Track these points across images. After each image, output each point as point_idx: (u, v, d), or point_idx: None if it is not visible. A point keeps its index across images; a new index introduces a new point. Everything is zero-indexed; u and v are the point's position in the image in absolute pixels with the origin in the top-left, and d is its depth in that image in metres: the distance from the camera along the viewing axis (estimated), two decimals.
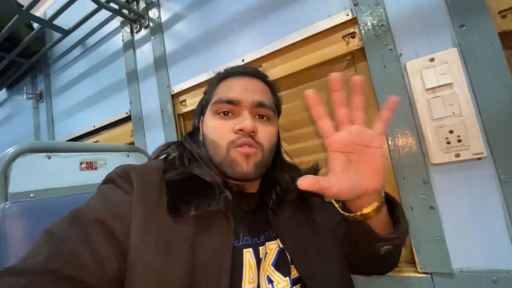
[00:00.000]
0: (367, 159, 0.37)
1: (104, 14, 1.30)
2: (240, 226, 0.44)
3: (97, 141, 1.45)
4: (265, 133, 0.46)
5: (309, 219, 0.52)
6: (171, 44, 1.16)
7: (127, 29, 1.31)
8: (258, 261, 0.43)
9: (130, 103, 1.27)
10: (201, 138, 0.51)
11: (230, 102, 0.46)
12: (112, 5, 1.19)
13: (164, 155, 0.50)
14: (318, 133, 0.82)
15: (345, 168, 0.38)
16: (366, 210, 0.39)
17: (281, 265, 0.45)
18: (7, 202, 0.54)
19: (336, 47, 0.78)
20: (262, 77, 0.52)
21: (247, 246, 0.43)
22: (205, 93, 0.55)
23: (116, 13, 1.23)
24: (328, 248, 0.49)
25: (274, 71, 0.87)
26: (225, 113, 0.46)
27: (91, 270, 0.32)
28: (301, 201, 0.53)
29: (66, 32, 1.37)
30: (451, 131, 0.60)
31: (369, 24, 0.71)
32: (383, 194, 0.41)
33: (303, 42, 0.83)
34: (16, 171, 0.64)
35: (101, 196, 0.40)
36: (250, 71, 0.51)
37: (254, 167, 0.44)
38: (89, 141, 1.49)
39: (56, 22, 1.28)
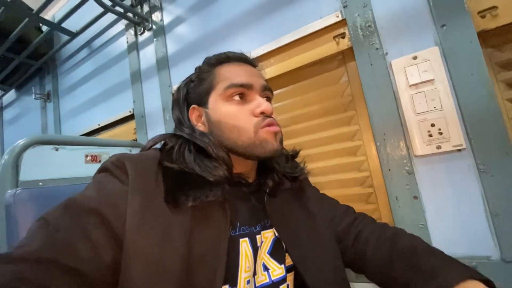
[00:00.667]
0: None
1: (110, 17, 1.36)
2: (237, 216, 0.44)
3: None
4: (275, 114, 0.50)
5: (304, 208, 0.53)
6: (173, 45, 1.21)
7: (131, 31, 1.37)
8: (255, 249, 0.44)
9: (134, 102, 1.32)
10: (203, 128, 0.49)
11: (244, 86, 0.46)
12: (118, 8, 1.25)
13: (160, 145, 0.49)
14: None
15: None
16: None
17: (276, 253, 0.46)
18: (18, 188, 0.59)
19: (327, 47, 0.82)
20: (254, 64, 0.55)
21: (244, 236, 0.44)
22: (192, 80, 0.54)
23: (121, 16, 1.29)
24: (322, 238, 0.51)
25: (270, 70, 0.92)
26: (240, 96, 0.47)
27: (85, 259, 0.31)
28: (296, 192, 0.54)
29: (73, 35, 1.44)
30: (432, 125, 0.64)
31: (357, 25, 0.75)
32: None
33: (297, 43, 0.87)
34: (26, 161, 0.69)
35: (96, 185, 0.39)
36: (245, 57, 0.53)
37: (280, 143, 0.47)
38: None
39: (64, 25, 1.34)
